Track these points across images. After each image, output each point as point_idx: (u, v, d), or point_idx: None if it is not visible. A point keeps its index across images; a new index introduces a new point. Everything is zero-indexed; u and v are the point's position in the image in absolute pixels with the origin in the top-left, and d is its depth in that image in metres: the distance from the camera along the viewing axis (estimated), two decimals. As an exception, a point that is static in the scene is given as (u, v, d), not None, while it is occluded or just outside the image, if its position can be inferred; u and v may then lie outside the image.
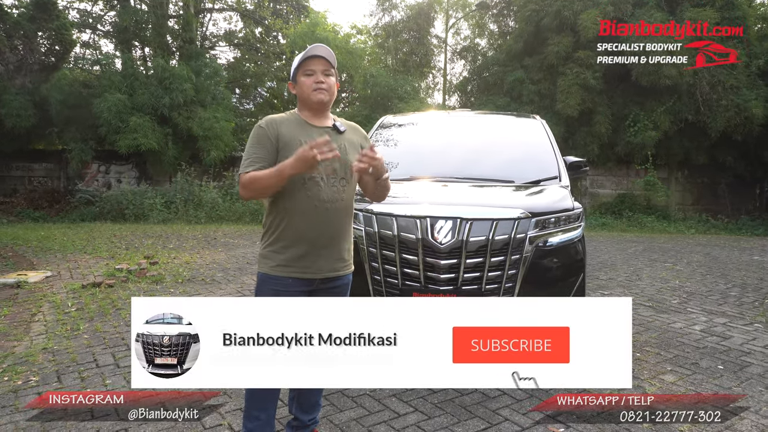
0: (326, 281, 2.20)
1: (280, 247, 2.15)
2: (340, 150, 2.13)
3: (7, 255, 7.75)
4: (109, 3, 19.20)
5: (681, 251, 9.35)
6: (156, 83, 14.37)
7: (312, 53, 2.14)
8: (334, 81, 2.19)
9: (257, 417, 2.21)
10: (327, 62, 2.15)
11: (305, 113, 2.21)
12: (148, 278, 6.07)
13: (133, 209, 13.21)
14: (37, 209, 14.31)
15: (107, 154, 15.22)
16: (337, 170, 2.15)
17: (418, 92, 17.32)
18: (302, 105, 2.22)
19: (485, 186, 3.85)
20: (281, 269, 2.14)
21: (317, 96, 2.13)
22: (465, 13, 19.73)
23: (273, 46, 21.10)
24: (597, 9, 13.93)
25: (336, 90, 2.21)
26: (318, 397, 2.43)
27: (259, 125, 2.14)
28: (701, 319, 4.84)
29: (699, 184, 15.89)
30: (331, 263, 2.19)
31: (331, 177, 2.13)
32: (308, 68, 2.14)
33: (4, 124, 13.54)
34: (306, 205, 2.10)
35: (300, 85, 2.16)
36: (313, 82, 2.13)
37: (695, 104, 13.86)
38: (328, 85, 2.15)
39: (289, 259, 2.14)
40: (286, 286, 2.14)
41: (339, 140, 2.17)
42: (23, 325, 4.42)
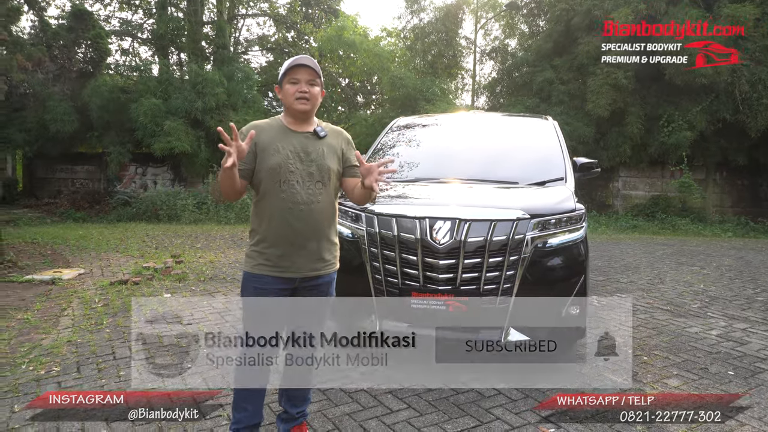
0: (307, 280, 2.28)
1: (261, 247, 2.24)
2: (318, 153, 2.25)
3: (46, 253, 8.18)
4: (148, 11, 19.95)
5: (712, 255, 9.06)
6: (190, 88, 14.86)
7: (298, 62, 2.22)
8: (319, 90, 2.27)
9: (245, 408, 2.32)
10: (312, 72, 2.23)
11: (288, 119, 2.30)
12: (173, 276, 6.31)
13: (166, 210, 13.68)
14: (78, 210, 14.98)
15: (144, 156, 15.82)
16: (314, 173, 2.23)
17: (446, 94, 17.30)
18: (286, 111, 2.31)
19: (487, 187, 3.86)
20: (261, 267, 2.23)
21: (299, 106, 2.22)
22: (495, 13, 19.58)
23: (305, 50, 21.46)
24: (628, 7, 13.62)
25: (320, 99, 2.29)
26: (307, 392, 2.51)
27: (240, 131, 2.19)
28: (720, 324, 4.71)
29: (738, 185, 15.32)
30: (310, 263, 2.26)
31: (307, 180, 2.21)
32: (294, 77, 2.22)
33: (48, 128, 14.28)
34: (282, 207, 2.19)
35: (285, 92, 2.25)
36: (296, 91, 2.21)
37: (734, 103, 13.39)
38: (311, 95, 2.23)
39: (269, 258, 2.22)
40: (265, 284, 2.23)
41: (318, 144, 2.27)
42: (53, 319, 4.68)
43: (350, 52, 18.43)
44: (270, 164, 2.19)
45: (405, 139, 4.90)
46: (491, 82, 19.09)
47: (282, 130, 2.27)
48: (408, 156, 4.59)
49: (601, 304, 5.37)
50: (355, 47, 17.69)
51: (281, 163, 2.18)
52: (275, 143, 2.21)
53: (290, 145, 2.22)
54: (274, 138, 2.23)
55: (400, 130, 5.05)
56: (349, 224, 3.65)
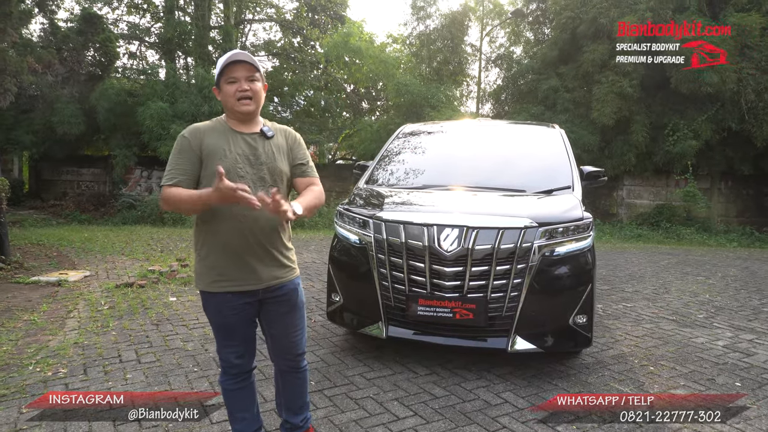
0: (270, 290, 2.14)
1: (212, 261, 2.08)
2: (268, 155, 2.11)
3: (52, 255, 8.21)
4: (156, 15, 20.10)
5: (717, 264, 9.03)
6: (196, 92, 14.94)
7: (233, 59, 2.05)
8: (260, 86, 2.10)
9: (242, 418, 2.28)
10: (250, 67, 2.07)
11: (232, 121, 2.13)
12: (177, 280, 6.33)
13: (171, 213, 13.71)
14: (84, 212, 15.04)
15: (150, 159, 15.88)
16: (265, 177, 2.09)
17: (451, 101, 17.33)
18: (228, 113, 2.14)
19: (494, 195, 3.87)
20: (218, 285, 2.07)
21: (242, 107, 2.06)
22: (501, 21, 19.64)
23: (311, 55, 21.56)
24: (635, 15, 13.64)
25: (263, 95, 2.14)
26: (304, 399, 2.41)
27: (182, 135, 2.07)
28: (726, 335, 4.69)
29: (744, 195, 15.27)
30: (270, 271, 2.12)
31: (258, 185, 2.05)
32: (231, 75, 2.06)
33: (56, 131, 14.37)
34: (234, 214, 2.02)
35: (224, 93, 2.09)
36: (236, 90, 2.05)
37: (739, 112, 13.36)
38: (254, 92, 2.07)
39: (223, 273, 2.06)
40: (228, 301, 2.08)
41: (266, 145, 2.12)
42: (59, 320, 4.70)
43: (356, 59, 18.49)
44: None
45: (411, 146, 4.92)
46: (496, 90, 19.11)
47: (227, 131, 2.09)
48: (415, 163, 4.61)
49: (606, 313, 5.36)
50: (361, 53, 17.74)
51: (229, 169, 1.98)
52: (221, 146, 2.04)
53: (238, 148, 2.06)
54: (220, 141, 2.05)
55: (406, 138, 5.07)
56: (356, 230, 3.67)
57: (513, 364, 3.71)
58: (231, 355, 2.18)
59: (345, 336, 4.31)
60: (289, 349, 2.29)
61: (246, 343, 2.21)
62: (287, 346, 2.28)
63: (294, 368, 2.34)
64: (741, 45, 13.07)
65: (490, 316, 3.32)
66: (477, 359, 3.77)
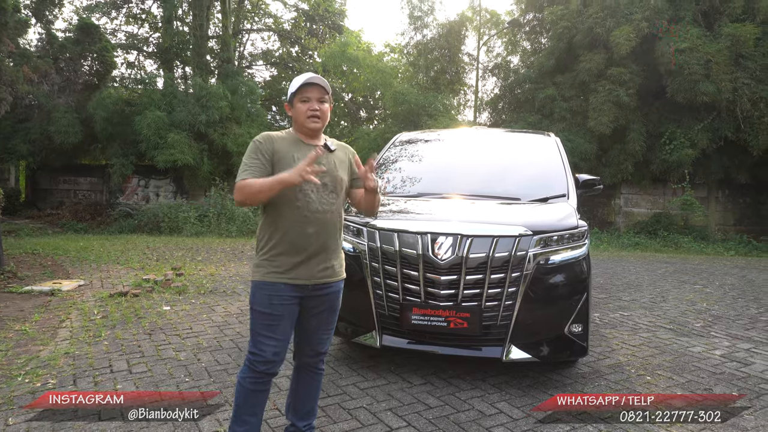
0: (317, 288, 2.31)
1: (273, 256, 2.26)
2: (331, 166, 2.32)
3: (47, 264, 8.16)
4: (154, 25, 20.18)
5: (714, 273, 9.01)
6: (194, 101, 14.97)
7: (309, 81, 2.27)
8: (328, 107, 2.34)
9: (246, 421, 2.30)
10: (323, 90, 2.30)
11: (300, 134, 2.36)
12: (173, 289, 6.28)
13: (168, 222, 13.69)
14: (80, 221, 15.00)
15: (147, 168, 15.87)
16: (328, 184, 2.30)
17: (449, 109, 17.39)
18: (297, 127, 2.37)
19: (489, 203, 3.85)
20: (274, 276, 2.25)
21: (311, 124, 2.29)
22: (498, 31, 19.75)
23: (309, 64, 21.65)
24: (630, 25, 13.74)
25: (329, 115, 2.36)
26: (314, 404, 2.54)
27: (256, 139, 2.29)
28: (723, 344, 4.66)
29: (741, 204, 15.30)
30: (322, 271, 2.30)
31: (321, 190, 2.26)
32: (305, 95, 2.28)
33: (52, 140, 14.36)
34: (298, 216, 2.23)
35: (296, 110, 2.31)
36: (308, 109, 2.27)
37: (735, 121, 13.43)
38: (322, 112, 2.30)
39: (281, 266, 2.25)
40: (278, 290, 2.24)
41: (329, 158, 2.34)
42: (51, 330, 4.65)
43: (354, 68, 18.57)
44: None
45: (407, 154, 4.91)
46: (493, 99, 19.19)
47: (296, 141, 2.34)
48: (410, 171, 4.59)
49: (603, 321, 5.33)
50: (359, 63, 17.82)
51: None
52: (292, 153, 2.26)
53: (305, 156, 2.24)
54: (290, 148, 2.29)
55: (402, 146, 5.06)
56: (350, 239, 3.64)
57: (508, 374, 3.67)
58: (268, 348, 2.24)
59: (339, 345, 4.27)
60: (314, 345, 2.42)
61: (284, 340, 2.29)
62: (314, 342, 2.42)
63: (313, 366, 2.48)
64: (736, 55, 13.16)
65: (485, 325, 3.28)
66: (472, 368, 3.73)
